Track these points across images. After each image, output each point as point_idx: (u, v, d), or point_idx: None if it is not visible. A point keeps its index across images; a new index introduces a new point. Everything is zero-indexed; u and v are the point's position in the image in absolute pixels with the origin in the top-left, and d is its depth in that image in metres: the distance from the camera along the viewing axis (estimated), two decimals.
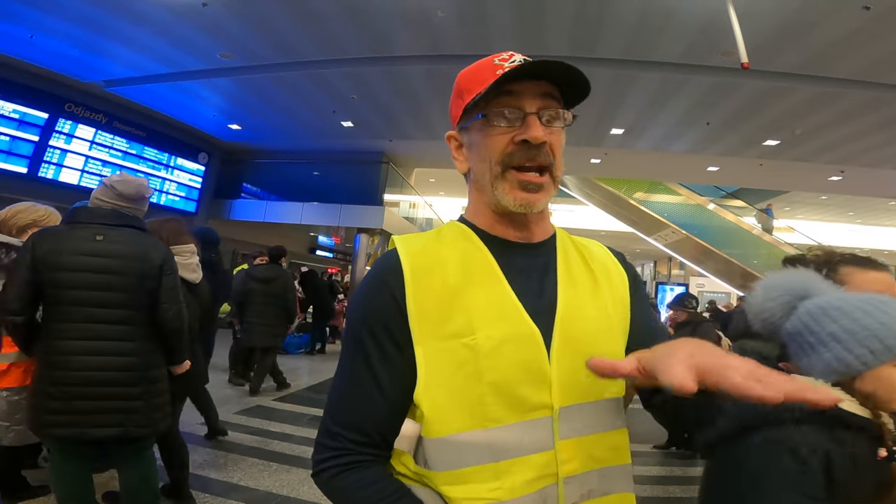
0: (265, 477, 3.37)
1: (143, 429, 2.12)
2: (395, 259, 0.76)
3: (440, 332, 0.72)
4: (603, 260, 0.87)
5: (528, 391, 0.71)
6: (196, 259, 2.85)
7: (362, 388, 0.74)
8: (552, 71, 0.73)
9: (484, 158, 0.77)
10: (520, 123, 0.74)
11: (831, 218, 17.58)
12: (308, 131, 10.88)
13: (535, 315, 0.74)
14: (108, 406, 2.02)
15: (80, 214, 2.14)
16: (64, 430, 1.97)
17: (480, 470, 0.69)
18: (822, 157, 9.39)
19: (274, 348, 5.80)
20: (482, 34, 6.36)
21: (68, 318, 2.00)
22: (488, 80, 0.74)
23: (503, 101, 0.74)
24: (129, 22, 6.69)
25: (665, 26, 5.81)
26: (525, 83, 0.74)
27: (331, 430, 0.75)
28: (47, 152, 8.95)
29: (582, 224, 17.69)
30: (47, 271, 1.98)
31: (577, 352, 0.74)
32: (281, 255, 6.03)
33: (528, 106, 0.74)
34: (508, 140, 0.74)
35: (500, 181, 0.75)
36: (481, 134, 0.77)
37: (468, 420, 0.70)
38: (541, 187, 0.76)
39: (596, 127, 9.06)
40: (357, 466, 0.72)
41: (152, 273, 2.16)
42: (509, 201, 0.75)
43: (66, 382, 1.97)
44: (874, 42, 5.57)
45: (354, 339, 0.75)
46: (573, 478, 0.72)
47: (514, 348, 0.71)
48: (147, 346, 2.17)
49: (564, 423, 0.72)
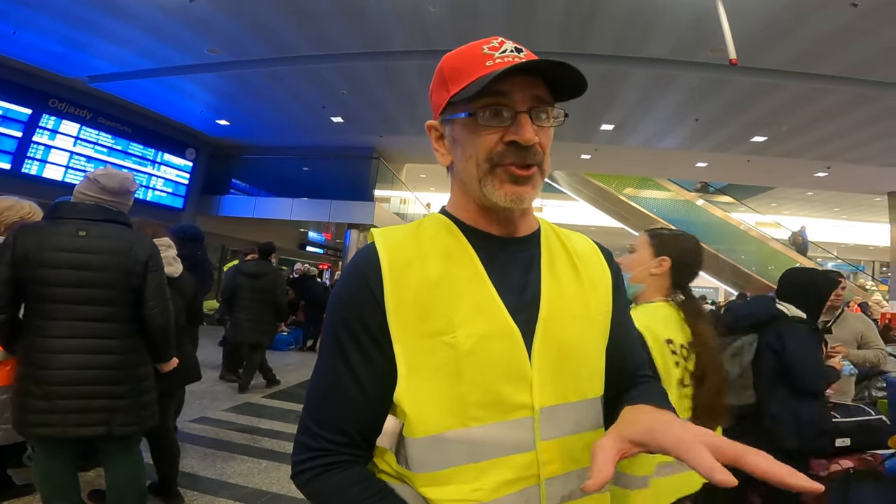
0: (255, 474, 3.35)
1: (128, 427, 2.09)
2: (373, 253, 0.73)
3: (420, 329, 0.69)
4: (588, 255, 0.85)
5: (508, 391, 0.69)
6: (172, 252, 2.79)
7: (341, 387, 0.71)
8: (550, 71, 0.69)
9: (470, 156, 0.72)
10: (510, 122, 0.69)
11: (817, 214, 17.78)
12: (298, 127, 10.80)
13: (516, 312, 0.72)
14: (93, 405, 1.99)
15: (63, 209, 2.09)
16: (48, 429, 1.93)
17: (461, 470, 0.68)
18: (809, 153, 9.49)
19: (262, 345, 5.75)
20: (473, 29, 6.33)
21: (51, 315, 1.96)
22: (476, 72, 0.69)
23: (493, 98, 0.69)
24: (114, 17, 6.58)
25: (655, 22, 5.83)
26: (518, 80, 0.69)
27: (310, 429, 0.73)
28: (31, 148, 8.82)
29: (572, 220, 17.76)
30: (29, 268, 1.93)
31: (559, 350, 0.73)
32: (270, 252, 5.98)
33: (518, 104, 0.69)
34: (497, 139, 0.70)
35: (489, 177, 0.71)
36: (467, 131, 0.72)
37: (449, 419, 0.68)
38: (529, 180, 0.72)
39: (586, 122, 9.08)
40: (337, 467, 0.70)
41: (137, 269, 2.11)
42: (499, 197, 0.71)
43: (49, 381, 1.93)
44: (861, 39, 5.62)
45: (333, 335, 0.73)
46: (555, 479, 0.71)
47: (494, 346, 0.69)
48: (132, 343, 2.13)
49: (546, 424, 0.70)
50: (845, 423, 2.34)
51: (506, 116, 0.70)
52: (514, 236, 0.79)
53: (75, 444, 2.11)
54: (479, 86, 0.67)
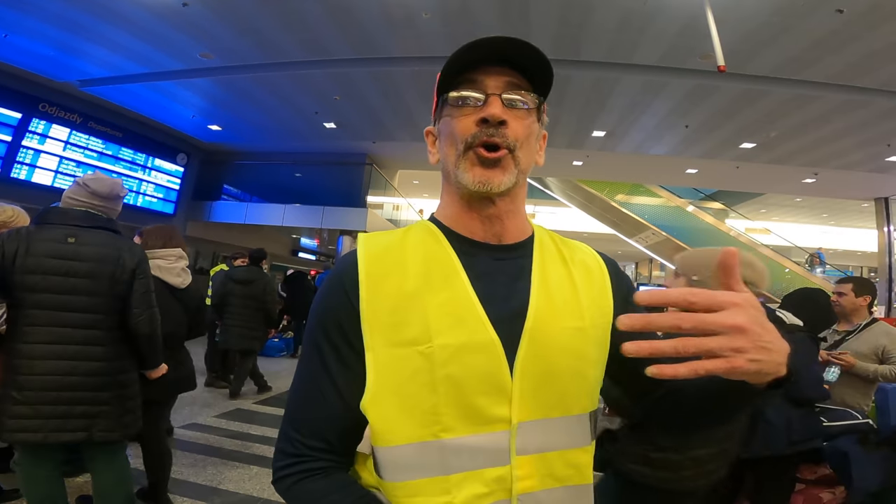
0: (246, 480, 3.32)
1: (110, 433, 2.06)
2: (353, 260, 0.74)
3: (393, 338, 0.69)
4: (588, 266, 0.82)
5: (484, 403, 0.67)
6: (182, 263, 2.78)
7: (319, 393, 0.71)
8: (505, 49, 0.72)
9: (451, 143, 0.75)
10: (482, 104, 0.73)
11: (805, 219, 17.98)
12: (290, 132, 10.78)
13: (499, 322, 0.70)
14: (74, 411, 1.97)
15: (52, 215, 2.07)
16: (28, 434, 1.91)
17: (430, 482, 0.67)
18: (797, 159, 9.59)
19: (252, 351, 5.70)
20: (466, 35, 6.28)
21: (35, 321, 1.94)
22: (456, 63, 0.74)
23: (467, 85, 0.74)
24: (105, 21, 6.56)
25: (645, 29, 5.90)
26: (488, 71, 0.73)
27: (289, 435, 0.72)
28: (20, 153, 8.74)
29: (564, 226, 17.84)
30: (15, 274, 1.91)
31: (545, 363, 0.71)
32: (262, 258, 5.94)
33: (490, 88, 0.73)
34: (472, 122, 0.72)
35: (462, 160, 0.73)
36: (447, 119, 0.76)
37: (419, 430, 0.67)
38: (498, 163, 0.72)
39: (578, 129, 9.14)
40: (317, 473, 0.70)
41: (124, 277, 2.10)
42: (468, 180, 0.72)
43: (31, 387, 1.90)
44: (847, 45, 5.71)
45: (311, 340, 0.73)
46: (528, 495, 0.68)
47: (471, 357, 0.68)
48: (117, 350, 2.11)
49: (523, 439, 0.68)
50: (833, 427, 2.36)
51: (479, 99, 0.73)
52: (503, 243, 0.78)
53: (60, 450, 2.08)
54: (448, 67, 0.73)
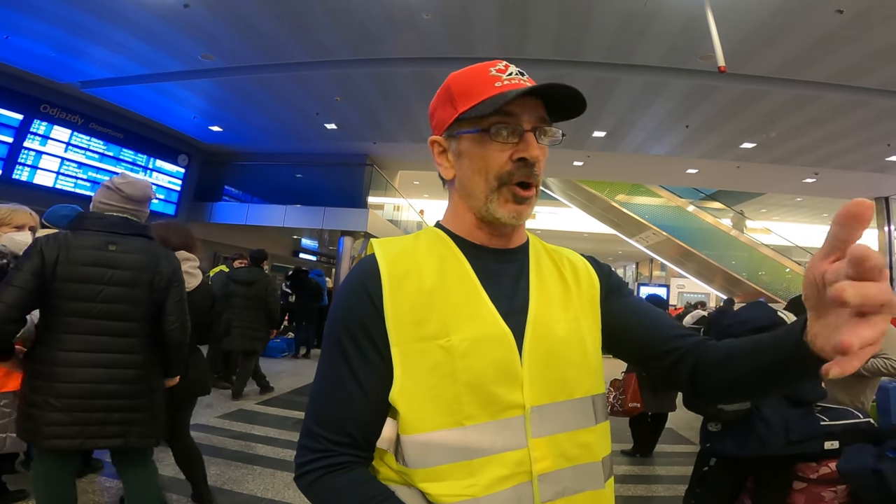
0: (249, 481, 3.33)
1: (146, 439, 2.09)
2: (374, 263, 0.78)
3: (416, 333, 0.73)
4: (573, 263, 0.91)
5: (500, 391, 0.73)
6: (189, 265, 2.77)
7: (344, 389, 0.74)
8: (556, 94, 0.75)
9: (479, 171, 0.78)
10: (516, 139, 0.76)
11: (806, 219, 17.97)
12: (291, 133, 10.79)
13: (508, 317, 0.77)
14: (112, 418, 1.97)
15: (89, 221, 2.04)
16: (66, 441, 1.91)
17: (456, 467, 0.70)
18: (797, 159, 9.60)
19: (254, 352, 5.72)
20: (467, 36, 6.39)
21: (72, 329, 1.92)
22: (486, 92, 0.75)
23: (503, 117, 0.75)
24: (107, 22, 6.56)
25: (646, 30, 5.90)
26: (526, 102, 0.76)
27: (313, 431, 0.75)
28: (21, 154, 8.74)
29: (565, 226, 17.82)
30: (56, 281, 1.88)
31: (547, 352, 0.77)
32: (262, 259, 5.96)
33: (525, 124, 0.76)
34: (507, 157, 0.76)
35: (495, 195, 0.77)
36: (477, 146, 0.78)
37: (443, 419, 0.71)
38: (528, 200, 0.79)
39: (579, 130, 9.14)
40: (340, 468, 0.73)
41: (162, 285, 2.09)
42: (503, 214, 0.78)
43: (70, 395, 1.89)
44: (847, 45, 5.72)
45: (334, 340, 0.77)
46: (547, 475, 0.73)
47: (487, 349, 0.73)
48: (151, 357, 2.11)
49: (536, 422, 0.74)
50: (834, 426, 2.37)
51: (515, 134, 0.76)
52: (506, 248, 0.85)
53: (80, 454, 2.11)
54: (495, 104, 0.73)
